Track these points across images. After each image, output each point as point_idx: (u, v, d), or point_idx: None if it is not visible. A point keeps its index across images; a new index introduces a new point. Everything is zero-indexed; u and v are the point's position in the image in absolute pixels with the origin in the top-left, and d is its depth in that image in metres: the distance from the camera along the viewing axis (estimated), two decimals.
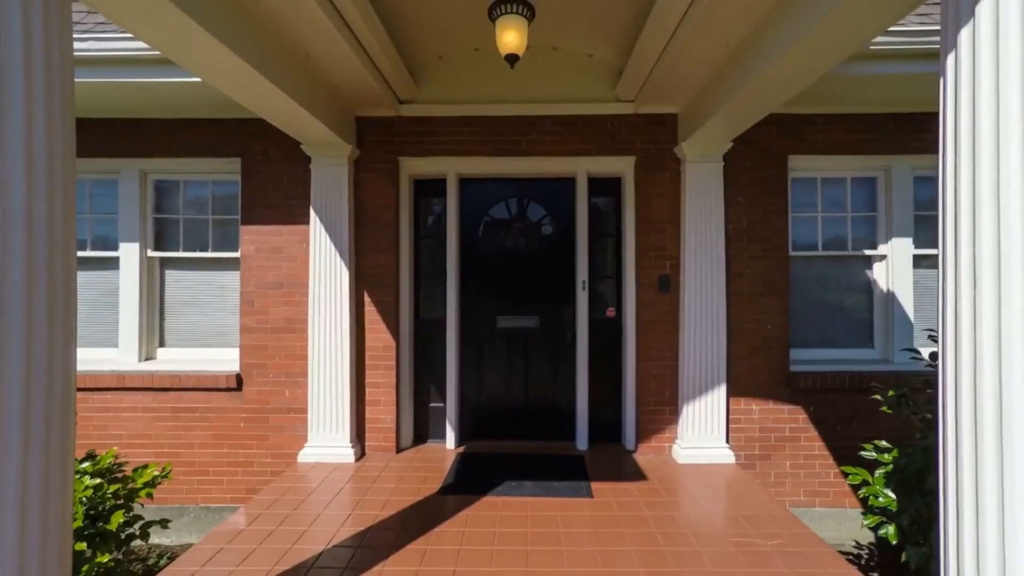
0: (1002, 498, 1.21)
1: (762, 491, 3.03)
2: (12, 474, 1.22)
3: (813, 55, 2.15)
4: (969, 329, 1.28)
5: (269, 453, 3.60)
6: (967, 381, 1.28)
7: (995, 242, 1.23)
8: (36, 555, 1.26)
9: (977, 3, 1.23)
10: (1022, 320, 1.20)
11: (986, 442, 1.24)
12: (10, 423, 1.22)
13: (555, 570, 2.17)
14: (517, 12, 2.36)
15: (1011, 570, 1.19)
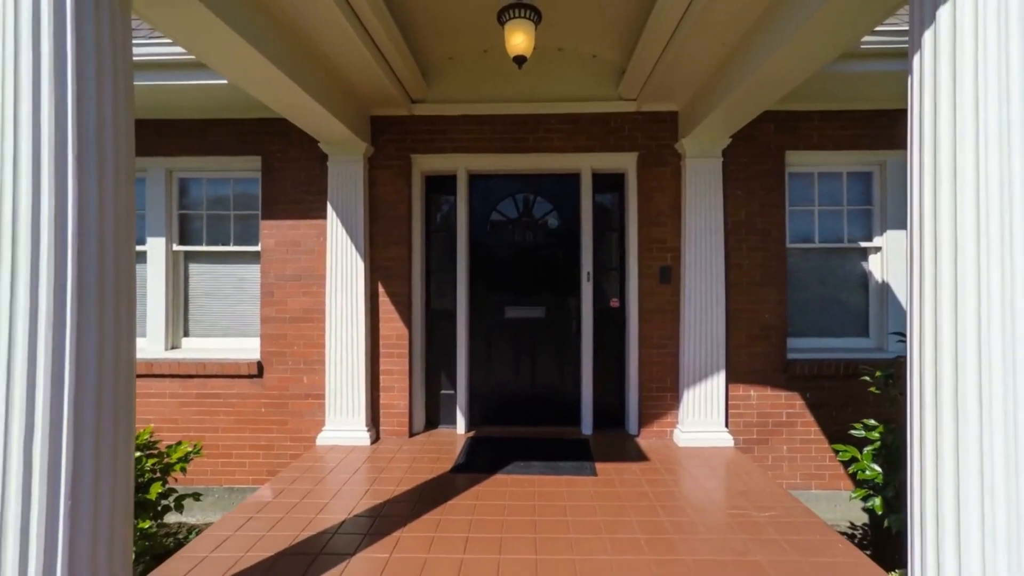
0: (957, 464, 1.36)
1: (758, 470, 3.18)
2: (89, 441, 1.40)
3: (801, 55, 2.30)
4: (931, 314, 1.42)
5: (289, 437, 3.79)
6: (929, 361, 1.43)
7: (952, 233, 1.37)
8: (108, 498, 1.44)
9: (937, 8, 1.38)
10: (975, 305, 1.34)
11: (944, 414, 1.38)
12: (86, 399, 1.40)
13: (561, 536, 2.33)
14: (525, 16, 2.52)
15: (964, 521, 1.34)
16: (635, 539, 2.31)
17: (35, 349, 1.34)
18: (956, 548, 1.35)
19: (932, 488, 1.41)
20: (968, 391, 1.35)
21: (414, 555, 2.18)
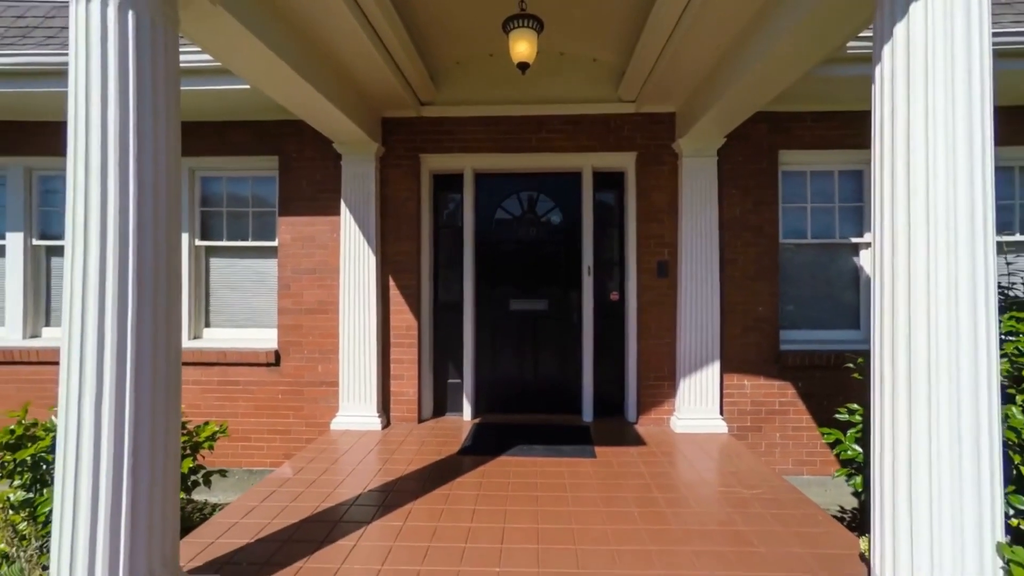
0: (909, 436, 1.53)
1: (748, 454, 3.35)
2: (148, 424, 1.60)
3: (783, 63, 2.47)
4: (889, 303, 1.59)
5: (304, 422, 4.00)
6: (888, 345, 1.60)
7: (906, 227, 1.54)
8: (161, 454, 1.64)
9: (894, 26, 1.55)
10: (924, 297, 1.50)
11: (899, 394, 1.55)
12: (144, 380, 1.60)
13: (561, 509, 2.52)
14: (528, 26, 2.70)
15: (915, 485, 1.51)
16: (629, 512, 2.49)
17: (103, 334, 1.54)
18: (908, 508, 1.52)
19: (889, 457, 1.58)
20: (919, 372, 1.51)
21: (425, 523, 2.38)
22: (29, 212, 4.11)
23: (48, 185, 4.20)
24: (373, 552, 2.12)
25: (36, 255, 4.13)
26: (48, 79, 3.44)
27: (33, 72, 3.43)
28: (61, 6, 3.99)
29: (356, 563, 2.04)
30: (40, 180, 4.17)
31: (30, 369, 3.99)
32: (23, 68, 3.40)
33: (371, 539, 2.23)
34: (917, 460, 1.51)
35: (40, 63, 3.39)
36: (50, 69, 3.40)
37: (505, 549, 2.14)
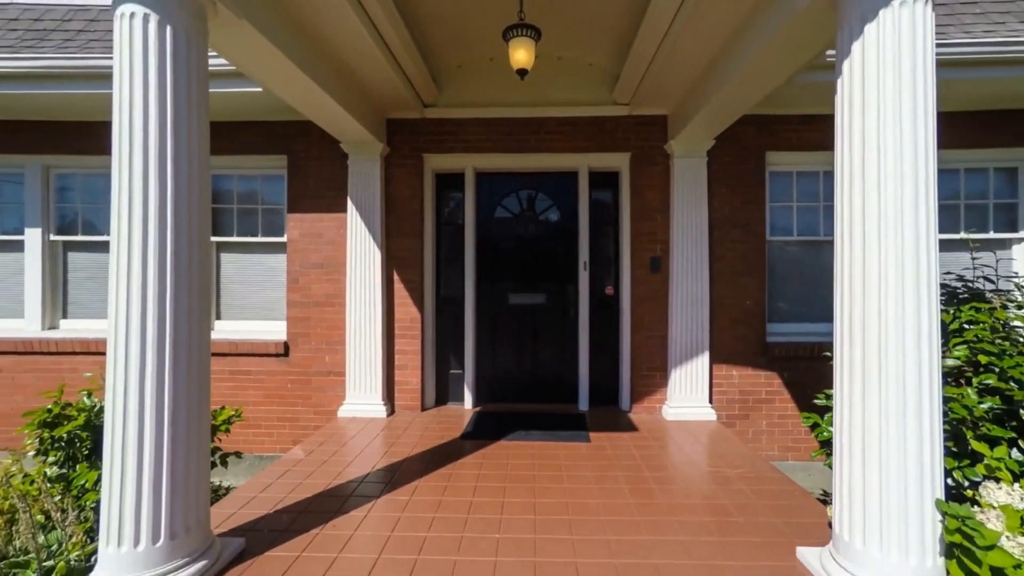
0: (864, 410, 1.71)
1: (734, 438, 3.54)
2: (184, 401, 1.78)
3: (762, 73, 2.67)
4: (848, 295, 1.77)
5: (312, 410, 4.18)
6: (846, 332, 1.78)
7: (862, 224, 1.72)
8: (196, 440, 1.83)
9: (852, 43, 1.73)
10: (876, 290, 1.68)
11: (855, 374, 1.73)
12: (180, 367, 1.78)
13: (556, 486, 2.71)
14: (526, 35, 2.87)
15: (867, 450, 1.70)
16: (620, 488, 2.68)
17: (145, 324, 1.71)
18: (863, 474, 1.70)
19: (847, 430, 1.77)
20: (871, 356, 1.69)
21: (430, 498, 2.56)
22: (46, 208, 4.27)
23: (64, 182, 4.36)
24: (383, 521, 2.31)
25: (53, 250, 4.30)
26: (66, 82, 3.60)
27: (51, 75, 3.58)
28: (78, 9, 4.14)
29: (367, 530, 2.23)
30: (57, 177, 4.33)
31: (49, 359, 4.16)
32: (42, 71, 3.55)
33: (380, 511, 2.42)
34: (870, 432, 1.70)
35: (59, 67, 3.55)
36: (68, 72, 3.56)
37: (504, 519, 2.33)
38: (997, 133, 3.99)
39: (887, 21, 1.66)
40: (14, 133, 4.17)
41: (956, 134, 3.98)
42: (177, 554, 1.74)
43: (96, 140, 4.16)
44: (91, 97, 3.66)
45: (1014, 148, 4.00)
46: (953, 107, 3.91)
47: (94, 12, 4.11)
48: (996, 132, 3.99)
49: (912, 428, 1.62)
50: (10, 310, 4.28)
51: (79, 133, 4.19)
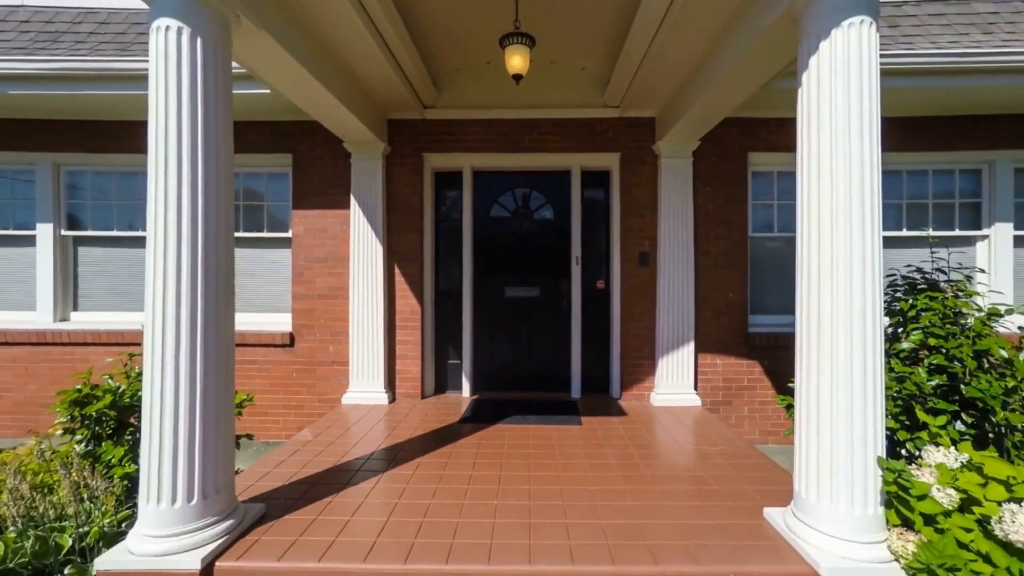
0: (819, 381, 1.93)
1: (717, 422, 3.78)
2: (212, 380, 1.98)
3: (737, 81, 2.91)
4: (807, 284, 2.00)
5: (316, 398, 4.37)
6: (805, 317, 2.00)
7: (817, 221, 1.95)
8: (224, 402, 2.02)
9: (809, 57, 1.96)
10: (829, 278, 1.91)
11: (811, 353, 1.96)
12: (210, 351, 1.98)
13: (549, 462, 2.92)
14: (522, 43, 3.08)
15: (821, 413, 1.92)
16: (608, 463, 2.90)
17: (180, 311, 1.90)
18: (817, 438, 1.93)
19: (805, 401, 1.99)
20: (824, 337, 1.92)
21: (433, 472, 2.77)
22: (57, 204, 4.42)
23: (74, 180, 4.51)
24: (389, 491, 2.51)
25: (64, 244, 4.45)
26: (78, 83, 3.75)
27: (64, 76, 3.74)
28: (88, 12, 4.29)
29: (376, 499, 2.43)
30: (67, 175, 4.48)
31: (61, 350, 4.32)
32: (55, 72, 3.70)
33: (387, 483, 2.62)
34: (822, 402, 1.92)
35: (72, 68, 3.70)
36: (80, 74, 3.72)
37: (501, 489, 2.55)
38: (962, 137, 4.25)
39: (838, 39, 1.89)
40: (26, 132, 4.31)
41: (923, 138, 4.25)
42: (208, 512, 1.94)
43: (104, 138, 4.32)
44: (100, 97, 3.82)
45: (978, 151, 4.26)
46: (921, 112, 4.17)
47: (103, 15, 4.26)
48: (961, 136, 4.25)
49: (858, 397, 1.85)
50: (23, 303, 4.43)
51: (88, 132, 4.34)
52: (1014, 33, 3.91)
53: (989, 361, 2.47)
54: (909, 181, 4.42)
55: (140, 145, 4.30)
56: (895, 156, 4.30)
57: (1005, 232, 4.26)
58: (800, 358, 2.05)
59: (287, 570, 1.88)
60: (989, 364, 2.47)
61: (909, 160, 4.34)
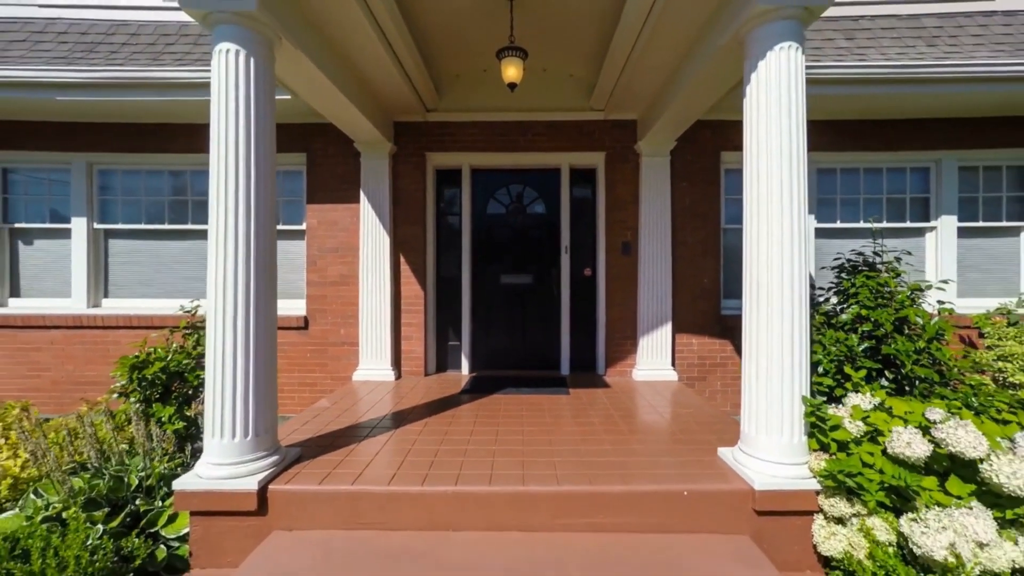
0: (758, 348, 2.38)
1: (689, 392, 4.24)
2: (262, 343, 2.40)
3: (699, 93, 3.36)
4: (753, 268, 2.45)
5: (329, 376, 4.78)
6: (749, 297, 2.46)
7: (757, 215, 2.40)
8: (271, 375, 2.45)
9: (751, 73, 2.40)
10: (766, 264, 2.36)
11: (753, 327, 2.41)
12: (260, 319, 2.40)
13: (540, 421, 3.36)
14: (516, 55, 3.51)
15: (761, 373, 2.37)
16: (592, 423, 3.35)
17: (237, 287, 2.32)
18: (756, 387, 2.38)
19: (750, 359, 2.44)
20: (762, 310, 2.37)
21: (438, 428, 3.20)
22: (90, 200, 4.81)
23: (105, 179, 4.89)
24: (403, 442, 2.95)
25: (96, 237, 4.84)
26: (115, 90, 4.14)
27: (103, 84, 4.12)
28: (119, 24, 4.68)
29: (392, 447, 2.86)
30: (99, 173, 4.87)
31: (94, 333, 4.71)
32: (96, 80, 4.09)
33: (399, 436, 3.05)
34: (761, 359, 2.37)
35: (110, 77, 4.08)
36: (117, 81, 4.10)
37: (499, 439, 2.98)
38: (912, 139, 4.73)
39: (772, 60, 2.34)
40: (62, 133, 4.69)
41: (877, 139, 4.72)
42: (259, 448, 2.37)
43: (133, 140, 4.71)
44: (132, 103, 4.21)
45: (926, 151, 4.74)
46: (875, 116, 4.64)
47: (134, 27, 4.65)
48: (911, 138, 4.73)
49: (787, 354, 2.31)
50: (59, 290, 4.81)
51: (119, 133, 4.73)
52: (955, 46, 4.39)
53: (909, 327, 2.94)
54: (866, 178, 4.90)
55: (166, 146, 4.74)
56: (852, 156, 4.78)
57: (950, 224, 4.74)
58: (746, 324, 2.50)
59: (326, 491, 2.31)
60: (909, 330, 2.94)
61: (865, 159, 4.82)
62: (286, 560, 2.10)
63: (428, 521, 2.31)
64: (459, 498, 2.32)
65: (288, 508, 2.31)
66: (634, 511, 2.31)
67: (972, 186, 4.82)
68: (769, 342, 2.35)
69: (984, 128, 4.67)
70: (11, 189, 4.84)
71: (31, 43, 4.41)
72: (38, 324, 4.65)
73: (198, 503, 2.26)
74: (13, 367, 4.63)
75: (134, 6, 4.69)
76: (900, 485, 2.01)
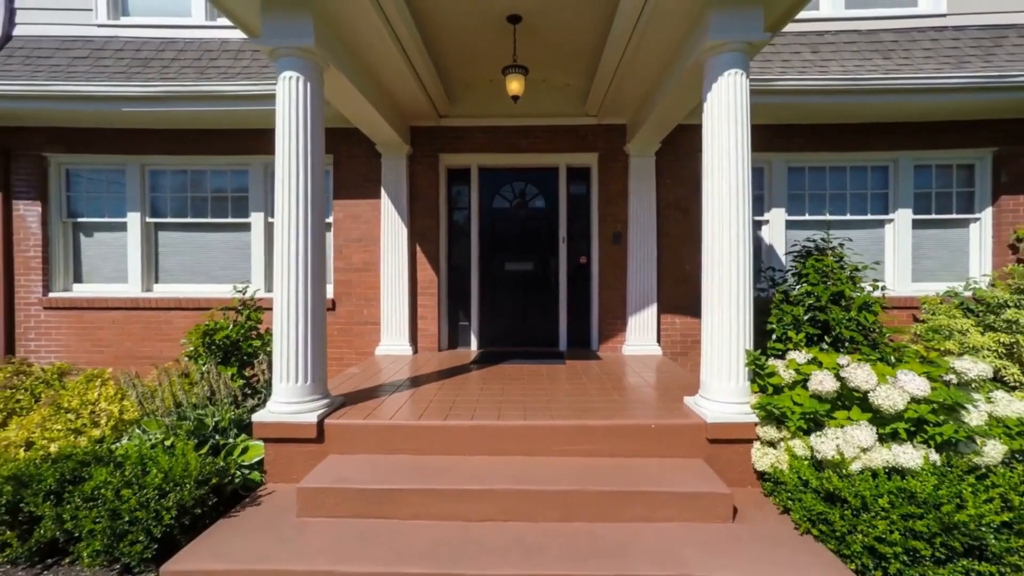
0: (713, 317, 2.99)
1: (670, 363, 4.85)
2: (319, 309, 3.02)
3: (675, 105, 3.95)
4: (710, 254, 3.04)
5: (354, 352, 5.41)
6: (708, 279, 3.06)
7: (712, 211, 3.00)
8: (320, 333, 3.07)
9: (708, 92, 3.00)
10: (717, 251, 2.96)
11: (708, 299, 3.01)
12: (315, 300, 3.02)
13: (539, 383, 3.98)
14: (518, 72, 4.11)
15: (717, 340, 2.98)
16: (583, 384, 3.96)
17: (298, 271, 2.94)
18: (711, 346, 2.99)
19: (707, 323, 3.05)
20: (714, 287, 2.97)
21: (453, 387, 3.82)
22: (143, 197, 5.44)
23: (154, 178, 5.52)
24: (424, 395, 3.57)
25: (148, 230, 5.47)
26: (169, 102, 4.76)
27: (158, 97, 4.74)
28: (167, 41, 5.29)
29: (416, 398, 3.48)
30: (150, 174, 5.50)
31: (148, 313, 5.35)
32: (152, 94, 4.71)
33: (421, 393, 3.67)
34: (714, 322, 2.97)
35: (165, 91, 4.70)
36: (169, 95, 4.72)
37: (504, 395, 3.60)
38: (872, 140, 5.30)
39: (722, 82, 2.93)
40: (119, 138, 5.32)
41: (842, 141, 5.29)
42: (315, 392, 3.00)
43: (179, 143, 5.33)
44: (182, 112, 4.83)
45: (885, 152, 5.31)
46: (839, 120, 5.21)
47: (180, 44, 5.27)
48: (872, 139, 5.29)
49: (735, 314, 2.91)
50: (116, 276, 5.46)
51: (167, 138, 5.35)
52: (907, 59, 4.96)
53: (844, 300, 3.54)
54: (831, 176, 5.48)
55: (207, 148, 5.37)
56: (819, 156, 5.37)
57: (905, 216, 5.32)
58: (705, 296, 3.10)
59: (370, 425, 2.94)
60: (845, 302, 3.54)
61: (831, 159, 5.40)
62: (342, 472, 2.72)
63: (449, 448, 2.93)
64: (473, 430, 2.94)
65: (340, 437, 2.94)
66: (613, 440, 2.92)
67: (926, 182, 5.39)
68: (720, 305, 2.96)
69: (937, 132, 5.23)
70: (73, 188, 5.48)
71: (93, 59, 5.04)
72: (101, 306, 5.30)
73: (271, 432, 2.89)
74: (81, 343, 5.28)
75: (181, 25, 5.31)
76: (815, 412, 2.62)
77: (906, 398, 2.44)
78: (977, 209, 5.31)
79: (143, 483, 2.36)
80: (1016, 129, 5.05)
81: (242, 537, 2.39)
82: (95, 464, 2.55)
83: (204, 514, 2.51)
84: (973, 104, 4.75)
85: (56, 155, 5.32)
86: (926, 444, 2.44)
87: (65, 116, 4.95)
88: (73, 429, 3.12)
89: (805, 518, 2.40)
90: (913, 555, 2.16)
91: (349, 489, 2.57)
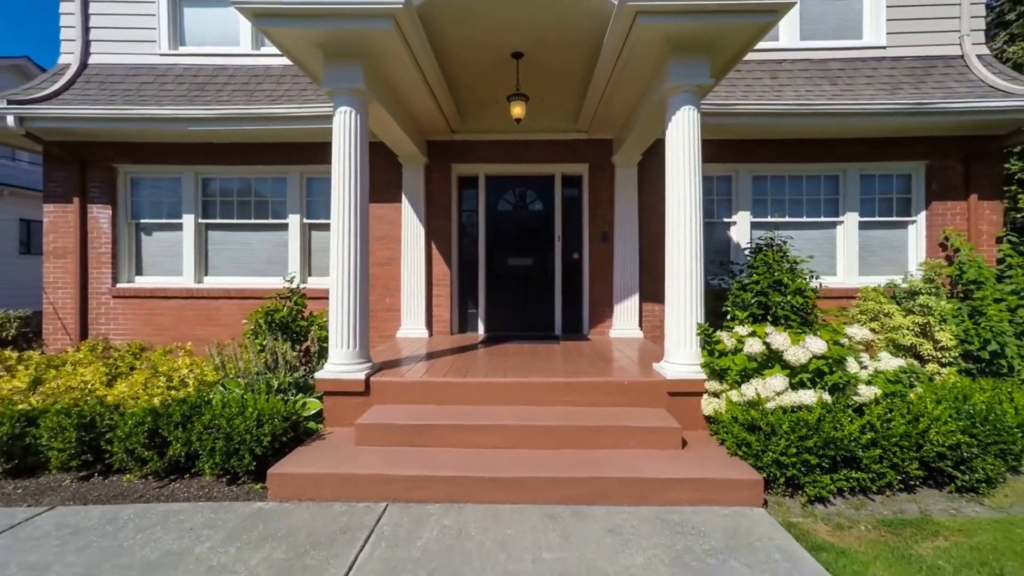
0: (672, 298, 3.83)
1: (650, 343, 5.70)
2: (366, 294, 3.88)
3: (649, 126, 4.79)
4: (672, 249, 3.90)
5: (377, 335, 6.25)
6: (670, 266, 3.91)
7: (673, 215, 3.85)
8: (364, 312, 3.93)
9: (668, 122, 3.86)
10: (673, 245, 3.81)
11: (669, 280, 3.86)
12: (361, 283, 3.88)
13: (538, 356, 4.83)
14: (520, 99, 4.96)
15: (674, 311, 3.83)
16: (575, 359, 4.81)
17: (350, 265, 3.79)
18: (673, 318, 3.84)
19: (669, 304, 3.89)
20: (672, 276, 3.83)
21: (467, 358, 4.67)
22: (196, 201, 6.29)
23: (206, 185, 6.36)
24: (443, 363, 4.42)
25: (200, 230, 6.32)
26: (225, 121, 5.58)
27: (218, 118, 5.57)
28: (219, 68, 6.14)
29: (437, 365, 4.33)
30: (202, 181, 6.34)
31: (201, 302, 6.19)
32: (212, 116, 5.54)
33: (441, 362, 4.52)
34: (674, 303, 3.83)
35: (222, 112, 5.54)
36: (222, 116, 5.55)
37: (509, 363, 4.46)
38: (824, 153, 6.14)
39: (679, 115, 3.78)
40: (179, 151, 6.16)
41: (798, 154, 6.14)
42: (361, 356, 3.85)
43: (227, 155, 6.17)
44: (236, 130, 5.67)
45: (835, 163, 6.16)
46: (798, 136, 6.04)
47: (231, 70, 6.11)
48: (824, 153, 6.14)
49: (689, 299, 3.76)
50: (172, 270, 6.30)
51: (217, 150, 6.19)
52: (851, 86, 5.81)
53: (783, 287, 4.38)
54: (790, 184, 6.32)
55: (252, 159, 6.24)
56: (779, 166, 6.21)
57: (853, 219, 6.17)
58: (667, 282, 3.94)
59: (405, 381, 3.80)
60: (784, 289, 4.39)
61: (790, 169, 6.24)
62: (386, 415, 3.57)
63: (466, 399, 3.78)
64: (485, 386, 3.80)
65: (382, 391, 3.79)
66: (595, 393, 3.77)
67: (871, 190, 6.24)
68: (678, 287, 3.81)
69: (880, 146, 6.08)
70: (136, 193, 6.33)
71: (158, 84, 5.89)
72: (160, 295, 6.15)
73: (329, 387, 3.74)
74: (143, 327, 6.13)
75: (231, 53, 6.16)
76: (746, 368, 3.47)
77: (809, 355, 3.29)
78: (914, 213, 6.16)
79: (245, 416, 3.21)
80: (944, 145, 5.90)
81: (317, 455, 3.24)
82: (204, 406, 3.39)
83: (285, 443, 3.36)
84: (906, 124, 5.59)
85: (124, 165, 6.17)
86: (823, 389, 3.29)
87: (134, 133, 5.79)
88: (171, 387, 3.97)
89: (734, 444, 3.25)
90: (807, 466, 3.01)
91: (393, 425, 3.42)
